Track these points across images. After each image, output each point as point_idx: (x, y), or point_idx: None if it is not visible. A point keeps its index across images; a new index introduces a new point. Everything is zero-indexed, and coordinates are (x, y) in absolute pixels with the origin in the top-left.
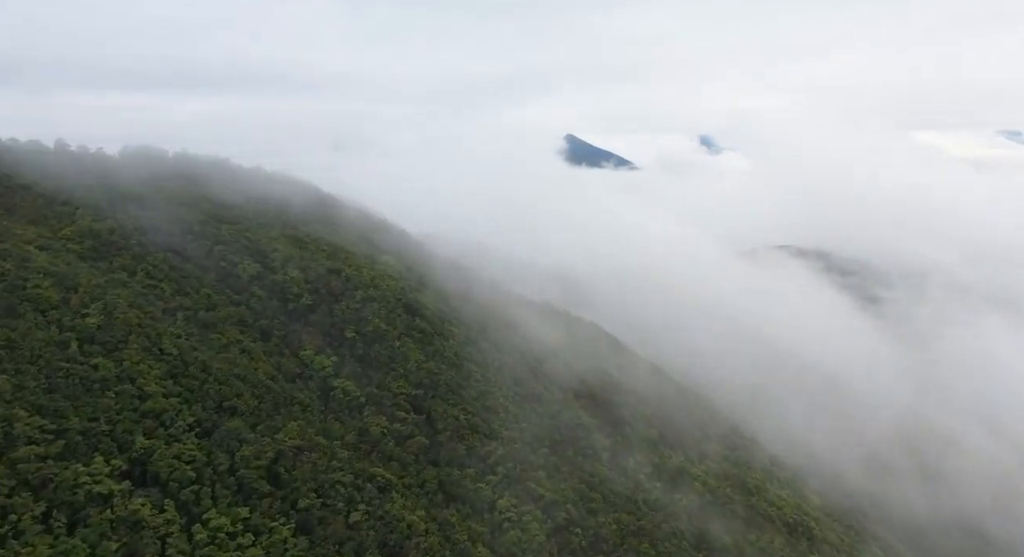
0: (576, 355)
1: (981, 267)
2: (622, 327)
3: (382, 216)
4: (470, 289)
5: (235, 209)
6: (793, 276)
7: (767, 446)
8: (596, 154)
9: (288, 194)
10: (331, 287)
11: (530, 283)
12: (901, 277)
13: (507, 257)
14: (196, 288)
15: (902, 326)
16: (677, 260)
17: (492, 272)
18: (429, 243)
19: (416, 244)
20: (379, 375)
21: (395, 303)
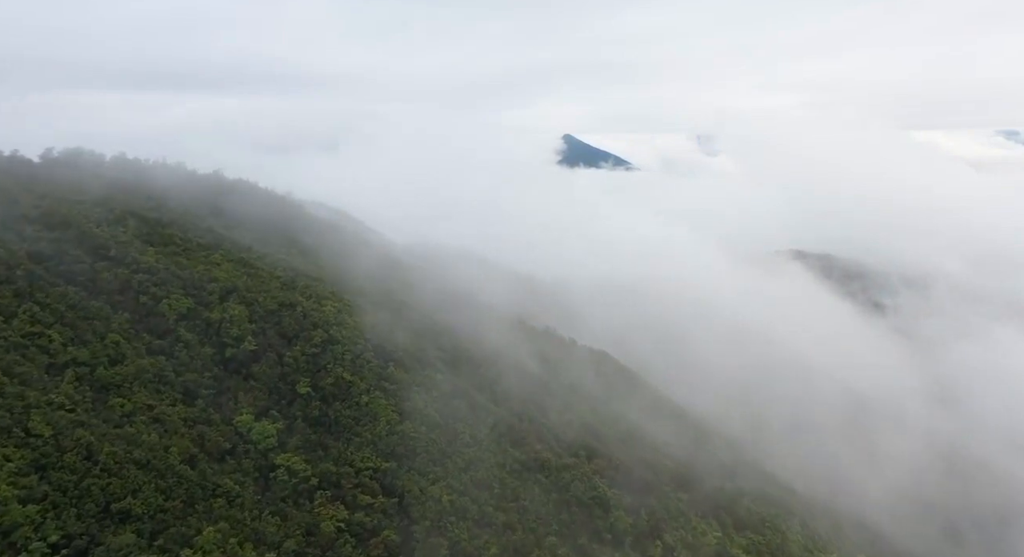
0: (586, 398)
1: (987, 273)
2: (618, 342)
3: (361, 227)
4: (460, 317)
5: (171, 227)
6: (795, 283)
7: (802, 497)
8: (594, 154)
9: (247, 206)
10: (283, 326)
11: (523, 299)
12: (904, 283)
13: (498, 269)
14: (100, 334)
15: (912, 337)
16: (674, 267)
17: (482, 289)
18: (412, 257)
19: (396, 262)
20: (339, 445)
21: (364, 345)
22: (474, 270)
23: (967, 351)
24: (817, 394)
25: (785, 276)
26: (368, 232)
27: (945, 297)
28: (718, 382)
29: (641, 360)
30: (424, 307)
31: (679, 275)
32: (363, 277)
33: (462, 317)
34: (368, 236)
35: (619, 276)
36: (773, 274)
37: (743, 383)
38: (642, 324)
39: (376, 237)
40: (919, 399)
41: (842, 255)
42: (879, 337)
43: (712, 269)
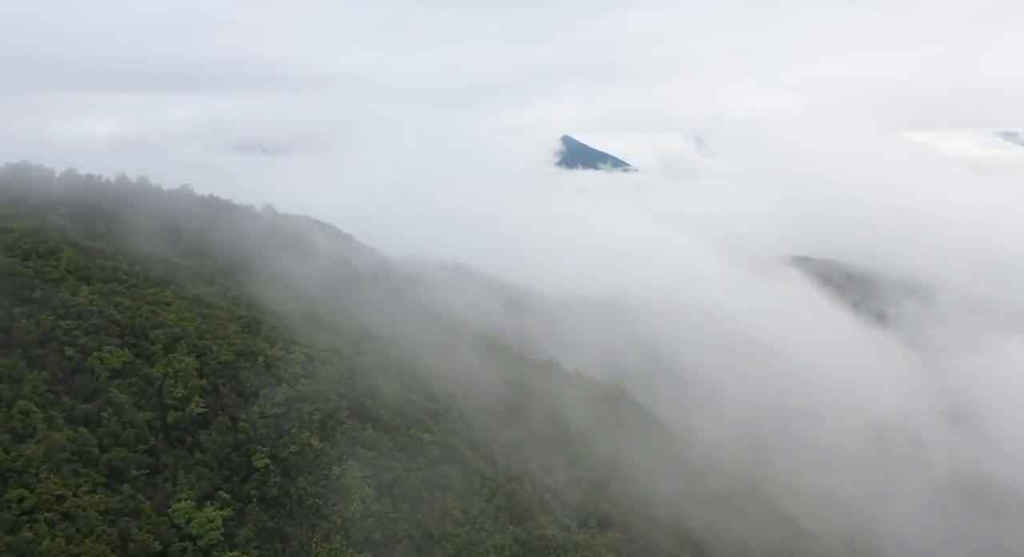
0: (595, 446)
1: (990, 280)
2: (612, 361)
3: (349, 243)
4: (452, 358)
5: (117, 258)
6: (797, 292)
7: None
8: (593, 156)
9: (215, 228)
10: (240, 381)
11: (518, 323)
12: (906, 291)
13: (493, 286)
14: (8, 401)
15: (918, 349)
16: (671, 276)
17: (478, 315)
18: (403, 277)
19: (384, 286)
20: (301, 533)
21: (338, 402)
22: (469, 291)
23: (975, 365)
24: (826, 415)
25: (785, 284)
26: (358, 250)
27: (949, 306)
28: (720, 403)
29: (636, 380)
30: (412, 343)
31: (675, 285)
32: (344, 309)
33: (454, 356)
34: (357, 255)
35: (613, 287)
36: (773, 282)
37: (747, 404)
38: (637, 340)
39: (366, 255)
40: (931, 419)
41: (842, 261)
42: (885, 350)
43: (709, 278)
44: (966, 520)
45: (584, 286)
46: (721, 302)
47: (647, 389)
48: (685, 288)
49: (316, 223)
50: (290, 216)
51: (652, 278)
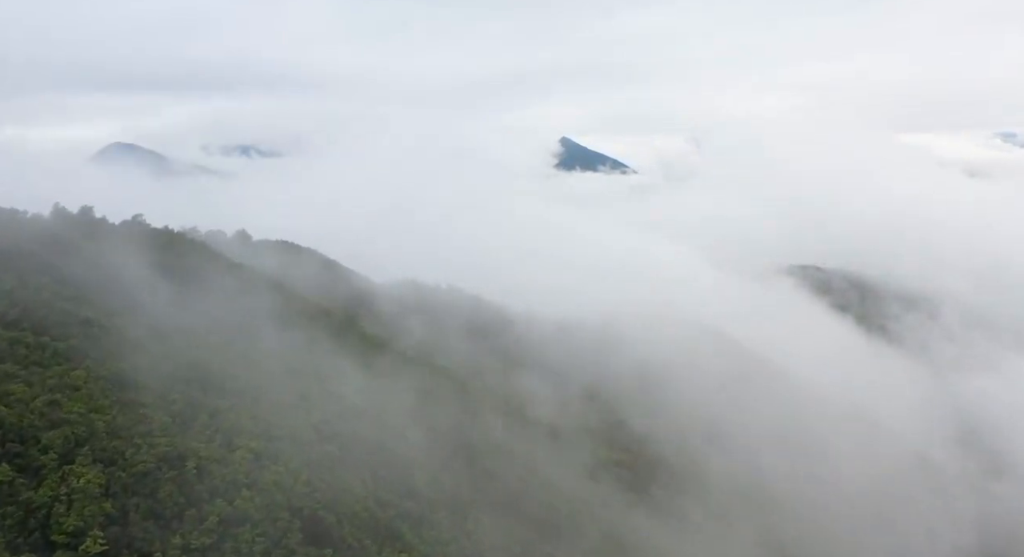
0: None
1: (992, 292)
2: (600, 389)
3: (326, 269)
4: (442, 426)
5: (22, 324)
6: (799, 306)
7: None
8: (591, 158)
9: (164, 272)
10: (158, 500)
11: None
12: (909, 304)
13: (493, 313)
14: None
15: (924, 366)
16: (664, 289)
17: (470, 352)
18: (387, 309)
19: (371, 322)
20: None
21: (288, 522)
22: (465, 325)
23: (984, 385)
24: (836, 443)
25: (785, 297)
26: (342, 278)
27: (953, 319)
28: (720, 436)
29: (626, 410)
30: (393, 412)
31: (676, 301)
32: (316, 369)
33: (443, 429)
34: (340, 286)
35: (610, 306)
36: (772, 295)
37: (749, 436)
38: (628, 364)
39: (351, 283)
40: (944, 445)
41: (842, 270)
42: (894, 369)
43: (708, 292)
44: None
45: (581, 305)
46: (719, 318)
47: (635, 412)
48: (685, 304)
49: (295, 249)
50: (266, 242)
51: (651, 294)
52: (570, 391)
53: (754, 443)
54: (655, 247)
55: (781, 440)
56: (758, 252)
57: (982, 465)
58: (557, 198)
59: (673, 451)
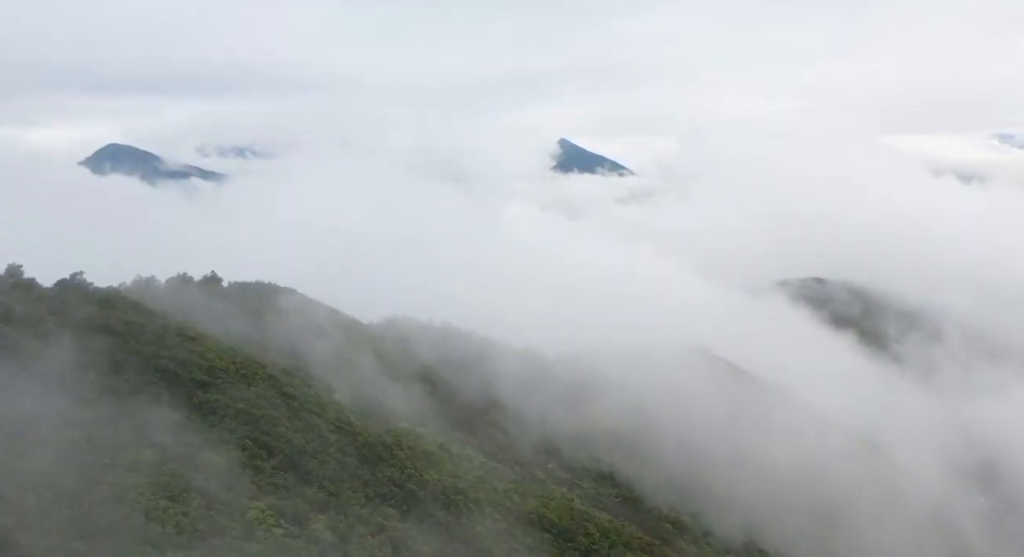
0: None
1: (996, 308)
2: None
3: (310, 316)
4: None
5: None
6: (798, 323)
7: None
8: (590, 159)
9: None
10: None
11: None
12: (909, 320)
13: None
14: None
15: (933, 391)
16: (663, 308)
17: (462, 402)
18: (372, 360)
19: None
20: None
21: None
22: (462, 369)
23: (993, 412)
24: (854, 489)
25: (785, 316)
26: (323, 319)
27: (956, 339)
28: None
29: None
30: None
31: (664, 323)
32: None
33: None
34: (320, 333)
35: (593, 332)
36: (771, 314)
37: (765, 491)
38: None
39: (332, 325)
40: (957, 479)
41: (841, 284)
42: (899, 393)
43: (700, 311)
44: None
45: (571, 334)
46: (717, 341)
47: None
48: (681, 327)
49: (273, 291)
50: (240, 285)
51: (646, 317)
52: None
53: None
54: (648, 261)
55: (796, 495)
56: (750, 262)
57: (998, 503)
58: (552, 202)
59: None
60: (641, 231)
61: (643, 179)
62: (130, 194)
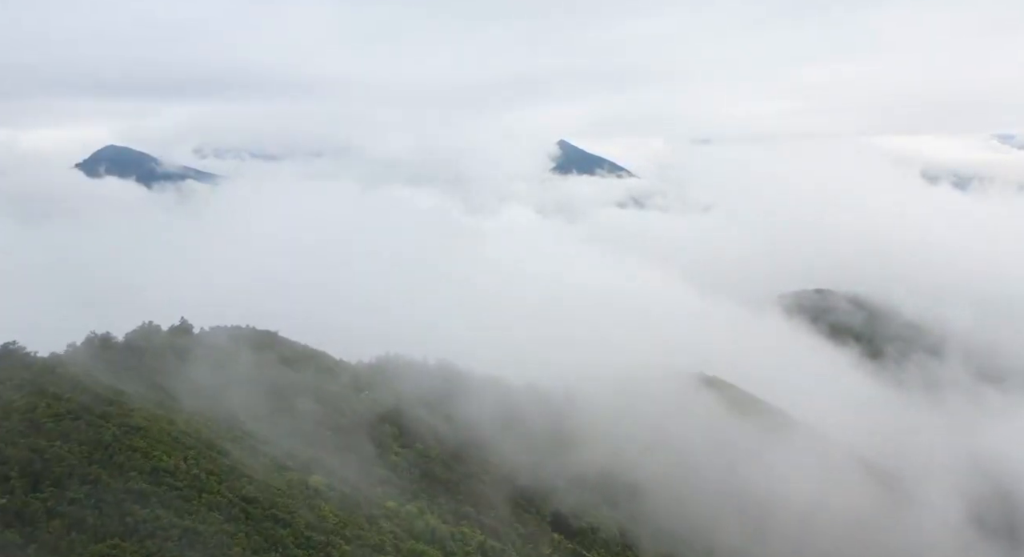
0: None
1: (1000, 322)
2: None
3: (289, 362)
4: None
5: None
6: (799, 341)
7: None
8: (589, 161)
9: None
10: None
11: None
12: (912, 333)
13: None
14: None
15: (940, 413)
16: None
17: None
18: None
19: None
20: None
21: None
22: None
23: (1004, 437)
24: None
25: (786, 333)
26: (303, 361)
27: (960, 356)
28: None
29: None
30: None
31: (662, 344)
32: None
33: None
34: (298, 378)
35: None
36: (771, 332)
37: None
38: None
39: (312, 366)
40: (971, 509)
41: (841, 297)
42: (904, 416)
43: (698, 328)
44: None
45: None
46: (717, 362)
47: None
48: (679, 347)
49: (249, 342)
50: (214, 333)
51: (644, 339)
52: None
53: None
54: (643, 275)
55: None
56: (748, 271)
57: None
58: (550, 204)
59: None
60: (638, 238)
61: (642, 181)
62: (123, 198)
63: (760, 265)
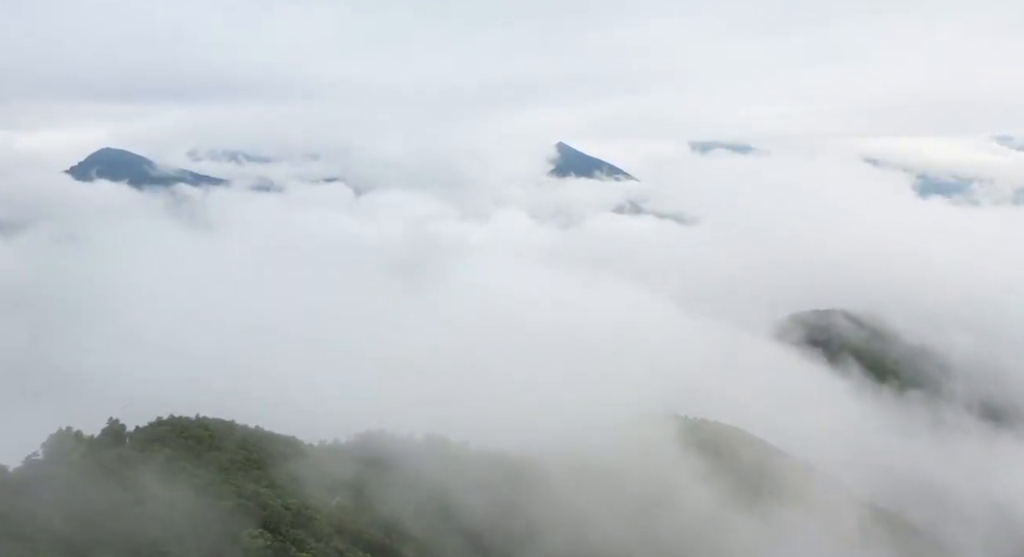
0: None
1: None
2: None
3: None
4: None
5: None
6: (802, 371)
7: None
8: (588, 163)
9: None
10: None
11: None
12: (915, 357)
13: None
14: None
15: (948, 455)
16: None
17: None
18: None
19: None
20: None
21: None
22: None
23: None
24: None
25: (791, 365)
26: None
27: (962, 385)
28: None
29: None
30: None
31: (657, 385)
32: None
33: None
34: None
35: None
36: (776, 362)
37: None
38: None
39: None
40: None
41: (840, 314)
42: (910, 456)
43: (699, 362)
44: None
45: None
46: (700, 390)
47: None
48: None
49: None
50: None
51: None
52: None
53: None
54: (630, 296)
55: None
56: (738, 291)
57: None
58: (546, 209)
59: None
60: (629, 248)
61: (641, 183)
62: (111, 202)
63: (753, 282)
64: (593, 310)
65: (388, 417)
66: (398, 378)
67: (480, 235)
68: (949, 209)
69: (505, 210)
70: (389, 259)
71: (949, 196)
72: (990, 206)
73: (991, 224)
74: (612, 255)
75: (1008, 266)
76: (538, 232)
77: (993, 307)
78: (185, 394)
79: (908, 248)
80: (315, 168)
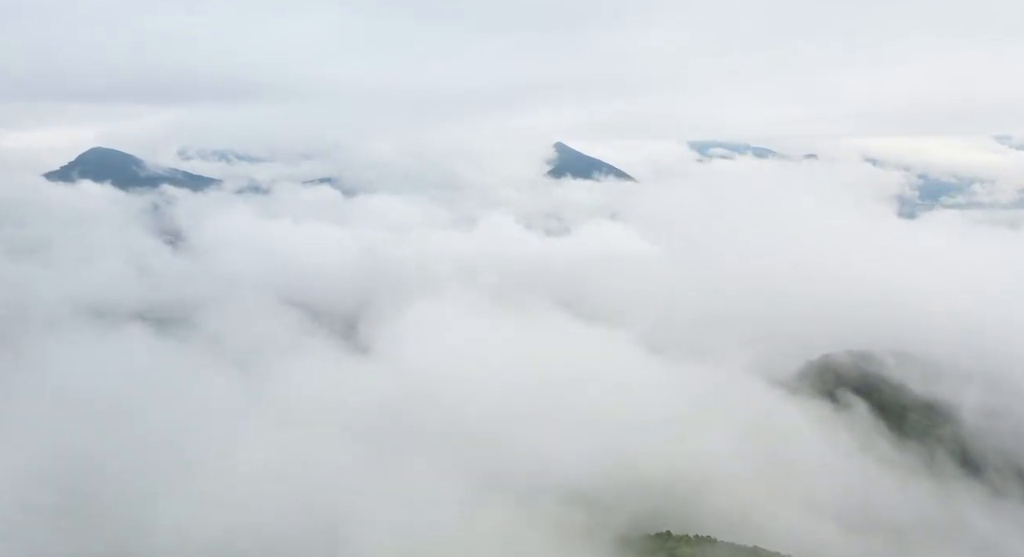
0: None
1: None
2: None
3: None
4: None
5: None
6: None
7: None
8: (586, 164)
9: None
10: None
11: None
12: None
13: None
14: None
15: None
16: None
17: None
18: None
19: None
20: None
21: None
22: None
23: None
24: None
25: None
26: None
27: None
28: None
29: None
30: None
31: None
32: None
33: None
34: None
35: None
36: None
37: None
38: None
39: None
40: None
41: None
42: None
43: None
44: None
45: None
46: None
47: None
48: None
49: None
50: None
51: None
52: None
53: None
54: (602, 337)
55: None
56: (736, 328)
57: None
58: (536, 214)
59: None
60: (618, 259)
61: (641, 185)
62: (91, 206)
63: (741, 319)
64: (555, 360)
65: None
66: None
67: (461, 245)
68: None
69: (494, 215)
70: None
71: (950, 196)
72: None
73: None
74: (596, 272)
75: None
76: (524, 239)
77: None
78: None
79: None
80: (307, 168)
